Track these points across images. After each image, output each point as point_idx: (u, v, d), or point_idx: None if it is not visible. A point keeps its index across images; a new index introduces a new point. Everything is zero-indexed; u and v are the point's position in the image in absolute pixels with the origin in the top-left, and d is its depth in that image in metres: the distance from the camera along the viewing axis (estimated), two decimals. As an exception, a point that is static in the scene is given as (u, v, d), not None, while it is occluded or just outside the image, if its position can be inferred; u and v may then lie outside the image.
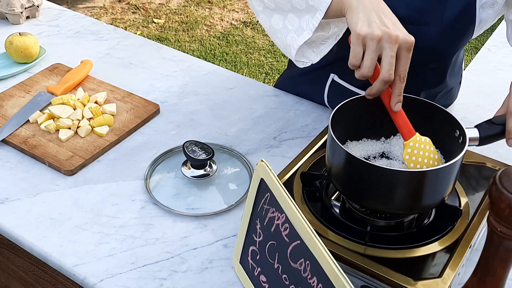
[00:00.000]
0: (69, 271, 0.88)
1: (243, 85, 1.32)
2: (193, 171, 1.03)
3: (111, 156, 1.10)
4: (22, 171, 1.06)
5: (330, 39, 1.00)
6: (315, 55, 1.02)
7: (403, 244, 0.82)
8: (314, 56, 1.02)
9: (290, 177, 0.95)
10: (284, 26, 0.98)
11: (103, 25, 1.56)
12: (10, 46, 1.34)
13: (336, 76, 1.18)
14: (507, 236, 0.62)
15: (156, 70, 1.37)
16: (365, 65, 0.80)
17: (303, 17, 0.95)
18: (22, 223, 0.95)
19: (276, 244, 0.76)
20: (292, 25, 0.97)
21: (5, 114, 1.18)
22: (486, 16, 1.01)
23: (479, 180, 0.96)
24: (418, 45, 1.01)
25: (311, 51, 1.02)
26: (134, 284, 0.86)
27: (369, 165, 0.77)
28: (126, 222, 0.96)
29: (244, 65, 3.16)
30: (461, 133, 0.84)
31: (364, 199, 0.82)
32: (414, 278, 0.77)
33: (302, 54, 1.02)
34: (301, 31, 0.95)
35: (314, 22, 0.92)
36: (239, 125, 1.19)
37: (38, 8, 1.58)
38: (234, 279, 0.87)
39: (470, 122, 1.17)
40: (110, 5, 3.76)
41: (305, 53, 1.02)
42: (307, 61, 1.03)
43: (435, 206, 0.85)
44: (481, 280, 0.68)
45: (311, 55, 1.02)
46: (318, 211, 0.88)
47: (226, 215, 0.97)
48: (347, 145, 0.93)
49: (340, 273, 0.64)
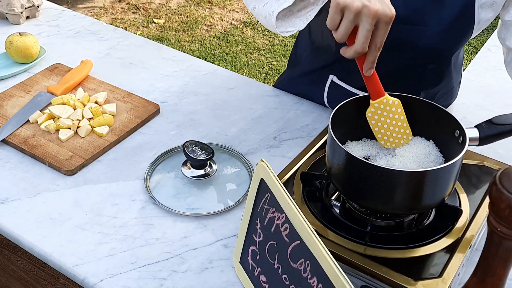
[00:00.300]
0: (69, 271, 0.88)
1: (243, 85, 1.32)
2: (193, 171, 1.03)
3: (111, 156, 1.10)
4: (22, 171, 1.06)
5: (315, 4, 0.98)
6: (301, 22, 1.00)
7: (403, 244, 0.82)
8: (300, 24, 1.00)
9: (290, 177, 0.95)
10: (269, 2, 0.98)
11: (103, 25, 1.56)
12: (10, 46, 1.34)
13: (335, 77, 1.18)
14: (507, 236, 0.62)
15: (156, 70, 1.37)
16: (340, 32, 0.81)
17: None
18: (22, 223, 0.95)
19: (276, 244, 0.76)
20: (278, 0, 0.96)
21: (5, 114, 1.18)
22: (485, 16, 1.01)
23: (479, 180, 0.96)
24: (417, 45, 1.01)
25: (298, 20, 1.00)
26: (134, 284, 0.86)
27: (369, 165, 0.77)
28: (126, 222, 0.96)
29: (244, 65, 3.16)
30: (461, 133, 0.84)
31: (364, 199, 0.82)
32: (414, 278, 0.77)
33: (288, 24, 1.00)
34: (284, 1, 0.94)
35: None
36: (239, 125, 1.19)
37: (38, 8, 1.58)
38: (234, 279, 0.87)
39: (470, 122, 1.17)
40: (110, 5, 3.76)
41: (291, 22, 1.00)
42: (293, 29, 1.00)
43: (435, 206, 0.85)
44: (481, 280, 0.68)
45: (297, 23, 1.00)
46: (318, 211, 0.88)
47: (226, 215, 0.97)
48: (347, 145, 0.93)
49: (340, 273, 0.64)
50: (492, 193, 0.60)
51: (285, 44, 3.36)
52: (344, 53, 0.84)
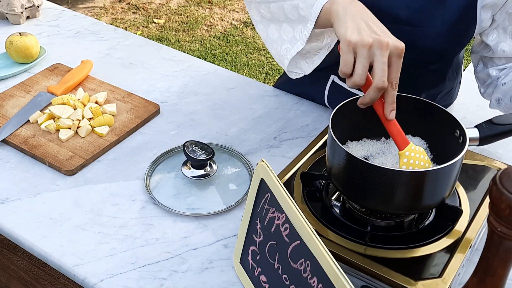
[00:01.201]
0: (69, 271, 0.88)
1: (243, 85, 1.32)
2: (193, 171, 1.03)
3: (111, 156, 1.10)
4: (22, 171, 1.06)
5: (323, 50, 1.00)
6: (308, 66, 1.02)
7: (403, 244, 0.82)
8: (307, 67, 1.02)
9: (290, 177, 0.95)
10: (280, 36, 0.99)
11: (103, 25, 1.56)
12: (11, 46, 1.34)
13: (336, 78, 1.18)
14: (507, 236, 0.62)
15: (156, 70, 1.37)
16: (357, 73, 0.79)
17: (296, 28, 0.95)
18: (22, 223, 0.96)
19: (276, 244, 0.76)
20: (287, 35, 0.97)
21: (5, 114, 1.18)
22: (486, 17, 1.01)
23: (479, 180, 0.96)
24: (419, 46, 1.01)
25: (305, 62, 1.02)
26: (134, 284, 0.86)
27: (369, 165, 0.77)
28: (126, 222, 0.96)
29: (244, 65, 3.16)
30: (461, 133, 0.84)
31: (364, 199, 0.82)
32: (414, 278, 0.77)
33: (295, 65, 1.02)
34: (295, 42, 0.95)
35: (306, 33, 0.92)
36: (239, 125, 1.19)
37: (38, 8, 1.58)
38: (234, 279, 0.87)
39: (470, 122, 1.17)
40: (110, 5, 3.76)
41: (299, 64, 1.02)
42: (300, 72, 1.03)
43: (435, 206, 0.85)
44: (481, 280, 0.68)
45: (304, 66, 1.02)
46: (318, 211, 0.88)
47: (226, 215, 0.97)
48: (347, 145, 0.93)
49: (340, 273, 0.64)
50: (492, 193, 0.60)
51: (285, 44, 3.36)
52: (364, 99, 0.81)
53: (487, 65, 1.13)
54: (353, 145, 0.93)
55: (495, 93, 1.11)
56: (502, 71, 1.11)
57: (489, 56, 1.11)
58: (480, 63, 1.15)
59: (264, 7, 1.01)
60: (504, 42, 1.06)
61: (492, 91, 1.13)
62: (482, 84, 1.16)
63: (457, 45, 1.07)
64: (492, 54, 1.08)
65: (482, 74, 1.14)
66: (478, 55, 1.14)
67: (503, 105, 1.11)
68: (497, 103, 1.12)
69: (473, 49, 1.15)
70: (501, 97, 1.10)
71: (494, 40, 1.06)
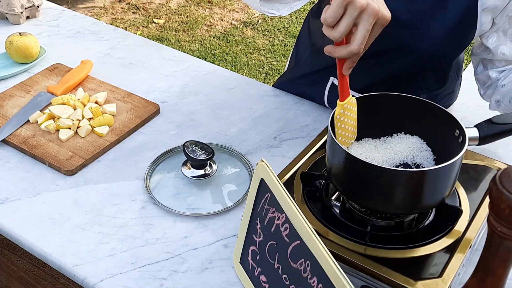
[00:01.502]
0: (69, 271, 0.88)
1: (243, 85, 1.32)
2: (193, 171, 1.03)
3: (111, 156, 1.10)
4: (22, 171, 1.06)
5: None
6: (284, 8, 0.98)
7: (403, 244, 0.82)
8: (283, 9, 0.98)
9: (290, 177, 0.95)
10: None
11: (103, 25, 1.56)
12: (10, 46, 1.34)
13: (336, 80, 1.18)
14: (507, 236, 0.62)
15: (156, 70, 1.37)
16: (339, 29, 0.77)
17: None
18: (22, 223, 0.96)
19: (276, 244, 0.76)
20: None
21: (5, 114, 1.18)
22: (487, 20, 1.01)
23: (479, 180, 0.96)
24: (420, 49, 1.01)
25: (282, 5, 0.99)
26: (134, 284, 0.86)
27: (368, 165, 0.77)
28: (126, 222, 0.96)
29: (244, 65, 3.16)
30: (461, 133, 0.84)
31: (364, 199, 0.82)
32: (414, 278, 0.77)
33: (271, 5, 0.98)
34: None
35: None
36: (239, 125, 1.19)
37: (38, 8, 1.58)
38: (234, 279, 0.87)
39: (470, 122, 1.17)
40: (110, 5, 3.76)
41: (274, 5, 0.98)
42: (275, 12, 0.98)
43: (435, 206, 0.85)
44: (481, 280, 0.68)
45: (280, 7, 0.98)
46: (318, 211, 0.88)
47: (226, 215, 0.97)
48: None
49: (340, 273, 0.64)
50: (492, 193, 0.60)
51: (285, 44, 3.36)
52: (332, 51, 0.81)
53: (487, 67, 1.13)
54: (353, 145, 0.93)
55: (495, 95, 1.12)
56: (502, 73, 1.11)
57: (489, 59, 1.11)
58: (480, 65, 1.15)
59: None
60: (504, 45, 1.06)
61: (492, 93, 1.13)
62: (482, 86, 1.16)
63: (458, 48, 1.07)
64: (492, 56, 1.08)
65: (482, 76, 1.14)
66: (478, 57, 1.14)
67: (502, 107, 1.11)
68: (496, 104, 1.12)
69: (473, 51, 1.15)
70: (500, 99, 1.10)
71: (494, 43, 1.06)
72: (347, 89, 0.85)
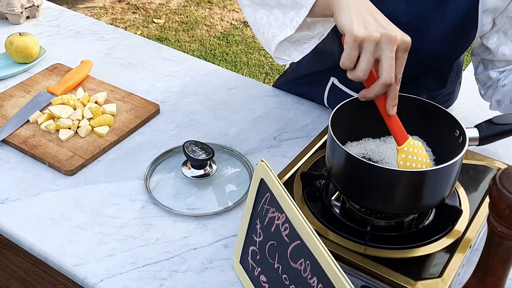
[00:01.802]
0: (69, 271, 0.88)
1: (243, 85, 1.32)
2: (193, 171, 1.03)
3: (111, 156, 1.10)
4: (22, 171, 1.06)
5: (314, 39, 0.97)
6: (297, 53, 0.99)
7: (403, 244, 0.82)
8: (296, 55, 0.99)
9: (290, 177, 0.95)
10: (268, 21, 0.95)
11: (103, 25, 1.56)
12: (10, 46, 1.34)
13: (336, 80, 1.18)
14: (507, 236, 0.62)
15: (156, 70, 1.37)
16: (361, 68, 0.76)
17: (288, 14, 0.91)
18: (22, 223, 0.96)
19: (276, 244, 0.76)
20: (276, 20, 0.93)
21: (5, 114, 1.18)
22: (488, 21, 1.01)
23: (479, 180, 0.96)
24: (420, 50, 1.00)
25: (294, 50, 0.99)
26: (134, 284, 0.86)
27: (369, 165, 0.77)
28: (126, 222, 0.96)
29: (244, 65, 3.16)
30: (461, 133, 0.84)
31: (364, 199, 0.82)
32: (414, 278, 0.77)
33: (283, 51, 0.99)
34: (284, 27, 0.92)
35: (298, 19, 0.89)
36: (239, 125, 1.19)
37: (38, 8, 1.58)
38: (234, 279, 0.87)
39: (470, 122, 1.17)
40: (110, 5, 3.76)
41: (287, 51, 0.99)
42: (287, 59, 1.00)
43: (435, 206, 0.85)
44: (481, 280, 0.68)
45: (293, 54, 0.99)
46: (318, 211, 0.88)
47: (226, 215, 0.97)
48: (347, 146, 0.93)
49: (340, 273, 0.64)
50: (492, 193, 0.60)
51: (285, 44, 3.36)
52: (367, 94, 0.79)
53: (487, 68, 1.13)
54: (353, 145, 0.93)
55: (495, 95, 1.12)
56: (502, 73, 1.11)
57: (489, 59, 1.11)
58: (481, 65, 1.15)
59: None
60: (505, 46, 1.06)
61: (493, 93, 1.13)
62: (483, 86, 1.16)
63: (458, 49, 1.07)
64: (493, 57, 1.08)
65: (482, 76, 1.14)
66: (478, 58, 1.14)
67: (503, 107, 1.11)
68: (497, 104, 1.12)
69: (473, 52, 1.15)
70: (501, 99, 1.10)
71: (495, 43, 1.06)
72: (401, 131, 0.81)
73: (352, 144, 0.93)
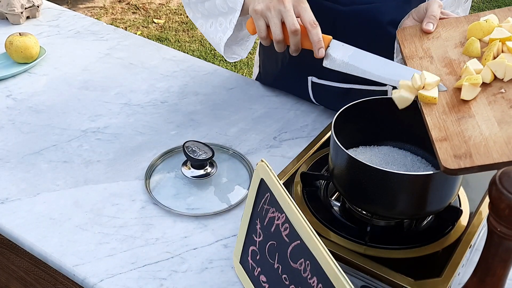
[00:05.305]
0: (69, 271, 0.88)
1: (243, 85, 1.33)
2: (193, 171, 1.03)
3: (111, 156, 1.10)
4: (22, 171, 1.06)
5: (253, 36, 1.13)
6: (242, 51, 1.16)
7: (403, 244, 0.82)
8: (242, 52, 1.16)
9: (290, 177, 0.94)
10: (215, 28, 1.11)
11: (103, 25, 1.56)
12: (10, 46, 1.34)
13: (314, 78, 1.18)
14: (507, 236, 0.62)
15: (156, 70, 1.37)
16: (273, 31, 0.91)
17: (227, 18, 1.07)
18: (22, 223, 0.96)
19: (276, 244, 0.76)
20: (221, 25, 1.09)
21: None
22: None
23: (479, 180, 0.96)
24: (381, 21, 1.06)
25: (240, 48, 1.16)
26: (134, 284, 0.86)
27: (372, 169, 0.77)
28: (126, 222, 0.96)
29: (244, 65, 3.16)
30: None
31: (369, 204, 0.82)
32: (414, 278, 0.77)
33: (232, 51, 1.15)
34: (226, 30, 1.07)
35: (234, 20, 1.05)
36: (239, 125, 1.19)
37: (38, 8, 1.58)
38: (234, 279, 0.87)
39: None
40: (110, 5, 3.76)
41: (235, 50, 1.15)
42: (236, 57, 1.16)
43: (440, 211, 0.84)
44: (481, 280, 0.68)
45: (240, 52, 1.16)
46: (318, 211, 0.88)
47: (226, 215, 0.97)
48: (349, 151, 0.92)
49: (340, 273, 0.64)
50: (492, 193, 0.60)
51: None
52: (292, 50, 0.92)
53: None
54: (357, 151, 0.93)
55: None
56: None
57: None
58: None
59: (200, 6, 1.12)
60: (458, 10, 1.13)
61: None
62: None
63: None
64: None
65: None
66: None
67: None
68: None
69: None
70: None
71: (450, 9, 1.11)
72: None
73: (357, 150, 0.93)
